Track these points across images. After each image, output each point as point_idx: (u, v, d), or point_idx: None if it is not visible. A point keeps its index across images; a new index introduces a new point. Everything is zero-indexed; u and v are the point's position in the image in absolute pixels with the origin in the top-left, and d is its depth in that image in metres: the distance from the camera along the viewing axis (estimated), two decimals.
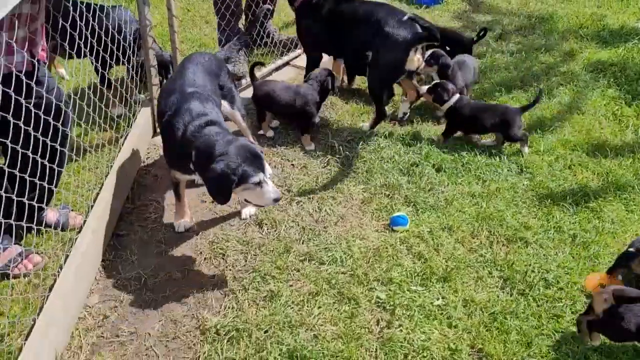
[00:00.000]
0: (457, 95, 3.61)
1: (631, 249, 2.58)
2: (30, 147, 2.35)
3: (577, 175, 3.37)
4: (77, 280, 2.45)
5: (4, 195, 2.14)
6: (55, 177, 2.72)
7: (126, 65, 3.51)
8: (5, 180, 2.41)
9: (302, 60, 4.27)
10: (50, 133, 2.45)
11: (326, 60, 4.14)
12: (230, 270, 2.72)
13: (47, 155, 2.49)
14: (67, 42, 2.69)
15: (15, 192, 2.36)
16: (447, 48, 3.99)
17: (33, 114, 2.29)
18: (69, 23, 2.59)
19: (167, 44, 4.07)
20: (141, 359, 2.34)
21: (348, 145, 3.58)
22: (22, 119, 2.24)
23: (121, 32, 3.37)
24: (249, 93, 3.81)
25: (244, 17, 4.60)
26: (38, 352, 2.13)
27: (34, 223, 2.55)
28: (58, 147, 2.55)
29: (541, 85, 4.25)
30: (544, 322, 2.45)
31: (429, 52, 3.84)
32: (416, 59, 3.43)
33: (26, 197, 2.36)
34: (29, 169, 2.31)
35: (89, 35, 2.89)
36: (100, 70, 3.38)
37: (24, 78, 2.17)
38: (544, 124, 3.82)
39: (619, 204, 3.15)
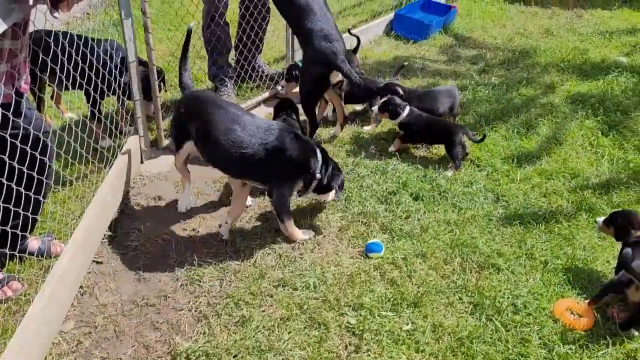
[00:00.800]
0: (408, 109, 3.81)
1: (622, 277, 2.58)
2: (14, 178, 2.46)
3: (552, 204, 3.43)
4: (51, 305, 2.51)
5: None
6: (39, 207, 2.82)
7: (117, 97, 3.68)
8: None
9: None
10: (32, 164, 2.56)
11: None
12: (205, 296, 2.78)
13: (30, 186, 2.59)
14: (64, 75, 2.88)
15: None
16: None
17: (13, 145, 2.40)
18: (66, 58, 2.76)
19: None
20: None
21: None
22: (5, 150, 2.36)
23: (106, 66, 3.51)
24: None
25: (233, 51, 4.78)
26: None
27: (16, 251, 2.64)
28: (40, 178, 2.65)
29: (521, 117, 4.36)
30: (510, 347, 2.47)
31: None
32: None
33: (9, 225, 2.46)
34: (12, 198, 2.41)
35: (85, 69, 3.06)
36: (90, 106, 3.54)
37: (7, 111, 2.30)
38: (522, 153, 3.90)
39: (592, 231, 3.20)
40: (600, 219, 2.94)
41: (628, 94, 4.67)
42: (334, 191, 3.23)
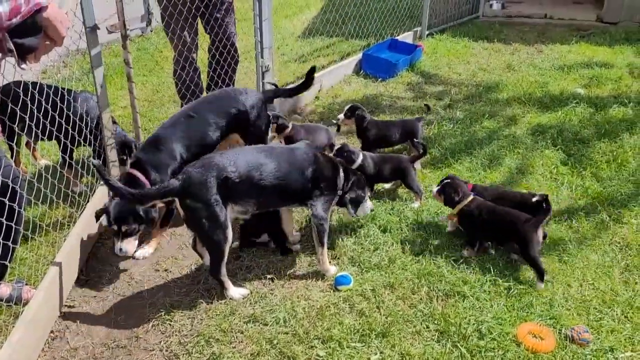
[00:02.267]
0: (361, 155, 3.92)
1: None
2: None
3: None
4: (20, 351, 2.52)
5: None
6: (10, 253, 2.85)
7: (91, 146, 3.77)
8: None
9: None
10: (1, 210, 2.61)
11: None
12: (176, 335, 2.81)
13: (0, 232, 2.63)
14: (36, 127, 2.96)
15: None
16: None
17: None
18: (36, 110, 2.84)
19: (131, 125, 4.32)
20: None
21: (299, 211, 3.76)
22: None
23: (82, 119, 3.61)
24: None
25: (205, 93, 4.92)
26: None
27: None
28: (10, 224, 2.70)
29: (485, 149, 4.53)
30: None
31: (347, 106, 4.42)
32: None
33: None
34: None
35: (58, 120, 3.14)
36: (61, 154, 3.62)
37: None
38: (484, 183, 4.04)
39: (553, 256, 3.31)
40: (435, 189, 3.54)
41: (585, 124, 4.89)
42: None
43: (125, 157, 3.92)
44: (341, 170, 3.31)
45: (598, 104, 5.27)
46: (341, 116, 4.51)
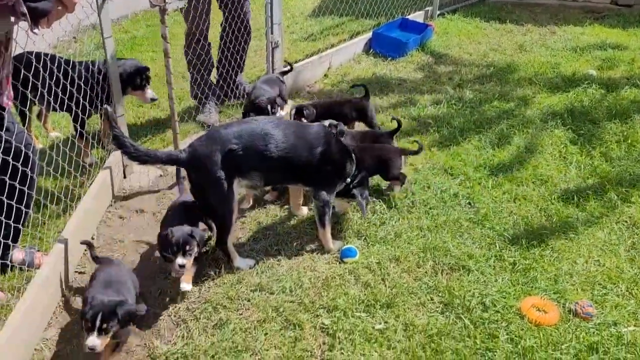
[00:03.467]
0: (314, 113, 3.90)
1: None
2: None
3: (521, 208, 3.56)
4: (33, 312, 2.58)
5: None
6: (23, 217, 2.90)
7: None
8: None
9: None
10: (14, 175, 2.66)
11: None
12: (184, 301, 2.86)
13: (13, 197, 2.68)
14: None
15: None
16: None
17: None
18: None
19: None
20: None
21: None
22: None
23: (94, 88, 3.64)
24: None
25: (215, 70, 4.92)
26: None
27: (0, 261, 2.72)
28: (23, 189, 2.75)
29: (494, 128, 4.51)
30: (478, 342, 2.57)
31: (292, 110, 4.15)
32: None
33: None
34: None
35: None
36: (74, 124, 3.67)
37: None
38: (494, 162, 4.05)
39: (560, 233, 3.32)
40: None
41: (596, 105, 4.84)
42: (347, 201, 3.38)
43: (143, 83, 4.02)
44: (353, 159, 3.28)
45: (610, 85, 5.22)
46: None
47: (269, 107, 3.98)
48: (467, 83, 5.47)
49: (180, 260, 2.75)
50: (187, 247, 2.77)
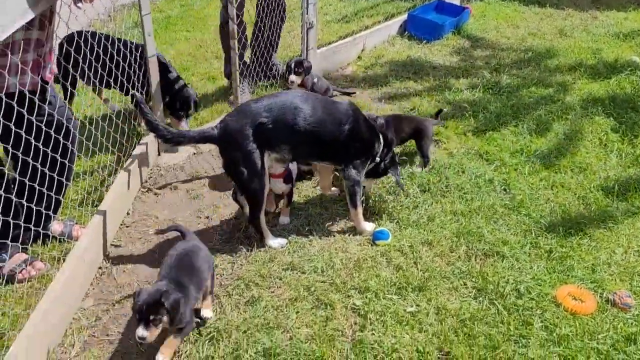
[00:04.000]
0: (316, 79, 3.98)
1: None
2: (40, 160, 2.61)
3: (558, 196, 3.48)
4: (72, 283, 2.65)
5: (13, 204, 2.39)
6: (63, 189, 2.97)
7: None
8: (15, 191, 2.67)
9: None
10: (56, 148, 2.71)
11: None
12: (217, 277, 2.89)
13: (54, 168, 2.74)
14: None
15: (24, 201, 2.60)
16: None
17: (41, 130, 2.55)
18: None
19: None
20: (129, 356, 2.50)
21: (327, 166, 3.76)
22: (32, 134, 2.52)
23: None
24: None
25: (249, 50, 4.91)
26: (28, 346, 2.29)
27: (41, 228, 2.79)
28: (64, 161, 2.80)
29: (531, 114, 4.41)
30: (511, 329, 2.53)
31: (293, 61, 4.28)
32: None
33: (35, 206, 2.61)
34: (37, 180, 2.56)
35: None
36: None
37: (34, 97, 2.45)
38: (531, 148, 3.96)
39: (599, 222, 3.24)
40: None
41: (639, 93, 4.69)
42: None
43: (182, 113, 3.99)
44: (381, 137, 3.25)
45: None
46: (293, 76, 4.27)
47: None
48: (504, 67, 5.35)
49: (140, 331, 2.19)
50: (152, 317, 2.21)
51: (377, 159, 3.24)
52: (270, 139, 2.91)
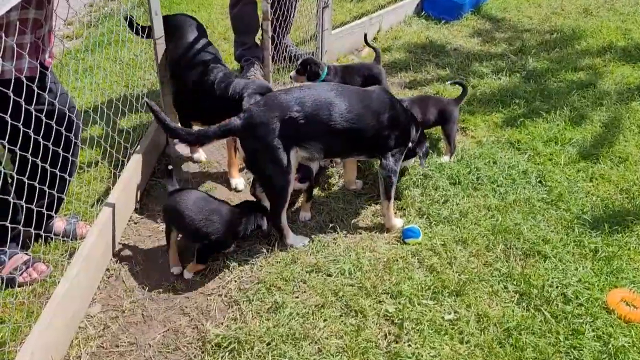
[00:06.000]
0: (326, 68, 3.64)
1: None
2: (39, 154, 2.35)
3: (599, 188, 3.23)
4: (77, 288, 2.42)
5: (11, 202, 2.15)
6: (65, 185, 2.73)
7: None
8: (13, 187, 2.43)
9: None
10: (57, 140, 2.46)
11: None
12: (235, 281, 2.66)
13: (55, 163, 2.49)
14: None
15: (24, 200, 2.35)
16: None
17: (38, 120, 2.29)
18: None
19: None
20: None
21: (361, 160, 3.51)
22: (30, 125, 2.25)
23: None
24: None
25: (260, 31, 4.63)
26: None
27: (42, 231, 2.55)
28: (66, 155, 2.55)
29: (562, 99, 4.14)
30: (561, 339, 2.31)
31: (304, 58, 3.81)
32: None
33: (35, 204, 2.36)
34: (37, 175, 2.30)
35: None
36: None
37: (31, 83, 2.19)
38: (565, 136, 3.70)
39: None
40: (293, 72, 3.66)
41: None
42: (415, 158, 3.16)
43: None
44: (416, 120, 3.07)
45: None
46: (293, 73, 3.85)
47: None
48: (529, 49, 5.05)
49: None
50: None
51: (411, 144, 3.02)
52: (301, 135, 2.67)
